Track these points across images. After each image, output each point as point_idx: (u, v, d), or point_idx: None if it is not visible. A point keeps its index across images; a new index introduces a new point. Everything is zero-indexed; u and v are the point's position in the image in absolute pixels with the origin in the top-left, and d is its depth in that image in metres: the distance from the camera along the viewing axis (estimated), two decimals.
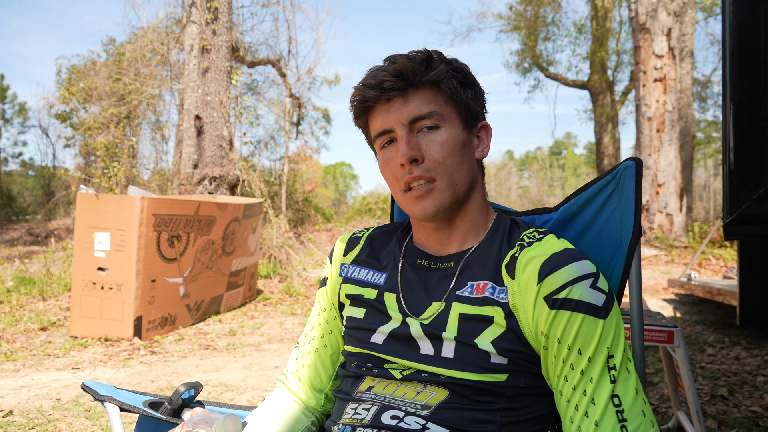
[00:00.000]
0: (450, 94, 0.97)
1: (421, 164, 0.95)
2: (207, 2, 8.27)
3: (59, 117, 13.84)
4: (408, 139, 0.95)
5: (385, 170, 1.00)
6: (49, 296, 5.68)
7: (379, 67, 0.98)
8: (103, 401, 1.10)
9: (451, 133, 0.97)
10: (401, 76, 0.94)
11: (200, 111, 8.26)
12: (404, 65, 0.94)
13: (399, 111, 0.96)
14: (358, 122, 1.04)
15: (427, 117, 0.95)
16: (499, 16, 20.35)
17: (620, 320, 0.88)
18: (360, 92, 0.98)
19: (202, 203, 4.67)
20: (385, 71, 0.95)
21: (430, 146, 0.95)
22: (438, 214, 0.97)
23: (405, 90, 0.95)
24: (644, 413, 0.84)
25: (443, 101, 0.97)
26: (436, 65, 0.96)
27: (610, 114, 18.04)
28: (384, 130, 0.98)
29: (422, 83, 0.96)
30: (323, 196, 26.47)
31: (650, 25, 10.46)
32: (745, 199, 1.19)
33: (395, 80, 0.94)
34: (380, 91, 0.95)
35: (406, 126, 0.96)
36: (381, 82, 0.95)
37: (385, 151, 1.00)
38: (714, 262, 8.29)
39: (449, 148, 0.96)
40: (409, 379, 0.95)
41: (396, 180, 0.98)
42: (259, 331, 4.61)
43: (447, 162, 0.95)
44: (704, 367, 3.48)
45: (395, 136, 0.98)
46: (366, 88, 0.97)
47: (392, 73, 0.94)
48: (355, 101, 1.00)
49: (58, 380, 3.19)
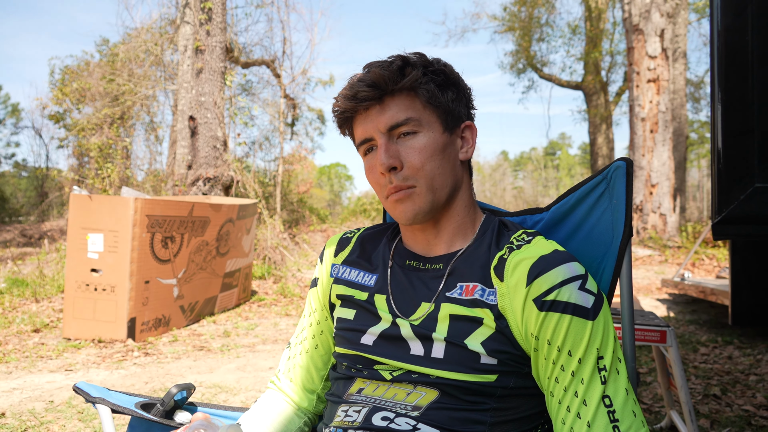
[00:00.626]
0: (427, 98, 0.98)
1: (400, 171, 0.96)
2: (201, 3, 8.25)
3: (52, 118, 13.77)
4: (387, 147, 0.96)
5: (370, 176, 1.02)
6: (42, 298, 5.65)
7: (357, 76, 0.99)
8: (95, 403, 1.09)
9: (429, 138, 0.97)
10: (375, 86, 0.95)
11: (194, 112, 8.24)
12: (377, 75, 0.95)
13: (376, 119, 0.97)
14: (342, 131, 1.06)
15: (404, 123, 0.96)
16: (493, 17, 20.39)
17: (609, 321, 0.89)
18: (339, 104, 1.00)
19: (196, 204, 4.66)
20: (360, 81, 0.96)
21: (408, 152, 0.96)
22: (417, 218, 0.98)
23: (381, 98, 0.96)
24: (635, 413, 0.84)
25: (420, 106, 0.98)
26: (409, 71, 0.96)
27: (604, 114, 18.11)
28: (365, 138, 1.00)
29: (397, 90, 0.96)
30: (318, 196, 26.44)
31: (643, 26, 10.51)
32: (734, 199, 1.20)
33: (369, 90, 0.95)
34: (356, 102, 0.97)
35: (384, 134, 0.97)
36: (356, 93, 0.96)
37: (368, 158, 1.02)
38: (707, 262, 8.33)
39: (428, 153, 0.97)
40: (399, 380, 0.95)
41: (380, 187, 1.00)
42: (254, 332, 4.60)
43: (426, 167, 0.96)
44: (697, 367, 3.50)
45: (376, 144, 0.99)
46: (343, 99, 0.99)
47: (367, 83, 0.96)
48: (336, 112, 1.02)
49: (51, 382, 3.17)
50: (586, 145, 42.81)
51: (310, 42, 11.67)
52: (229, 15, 9.49)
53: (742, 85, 1.19)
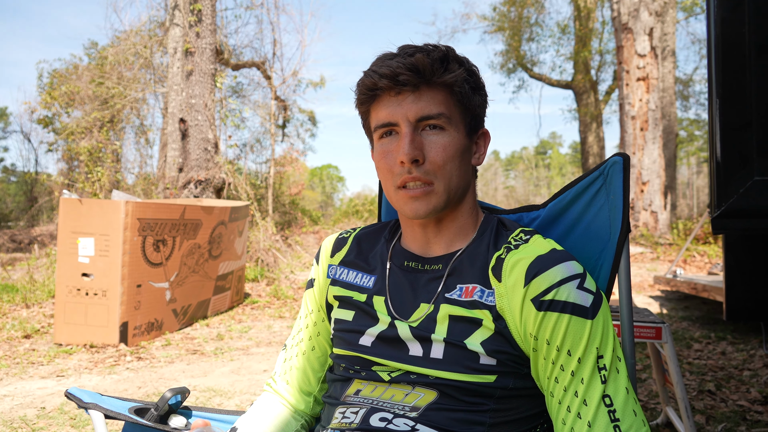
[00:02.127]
0: (460, 98, 0.95)
1: (421, 165, 0.93)
2: (190, 5, 8.21)
3: (41, 122, 13.65)
4: (412, 137, 0.92)
5: (382, 162, 0.97)
6: (32, 303, 5.59)
7: (394, 55, 0.94)
8: (88, 408, 1.08)
9: (454, 138, 0.95)
10: (417, 72, 0.91)
11: (185, 114, 8.19)
12: (422, 61, 0.90)
13: (408, 107, 0.93)
14: (361, 107, 1.01)
15: (435, 117, 0.93)
16: (483, 17, 20.45)
17: (609, 319, 0.88)
18: (370, 78, 0.94)
19: (187, 207, 4.63)
20: (400, 62, 0.91)
21: (432, 148, 0.94)
22: (429, 216, 0.96)
23: (417, 86, 0.92)
24: (635, 412, 0.84)
25: (453, 104, 0.95)
26: (453, 67, 0.93)
27: (594, 113, 18.20)
28: (388, 122, 0.95)
29: (436, 82, 0.93)
30: (310, 198, 26.40)
31: (632, 24, 10.57)
32: (732, 193, 1.20)
33: (410, 75, 0.91)
34: (393, 83, 0.92)
35: (412, 123, 0.93)
36: (396, 74, 0.91)
37: (384, 142, 0.97)
38: (699, 259, 8.38)
39: (450, 153, 0.94)
40: (398, 381, 0.94)
41: (392, 174, 0.96)
42: (247, 335, 4.58)
43: (447, 166, 0.94)
44: (691, 363, 3.51)
45: (398, 130, 0.95)
46: (378, 76, 0.92)
47: (408, 67, 0.91)
48: (364, 87, 0.96)
49: (43, 388, 3.13)
50: (576, 144, 43.02)
51: (301, 44, 11.66)
52: (218, 17, 9.45)
53: (740, 78, 1.19)
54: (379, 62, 0.95)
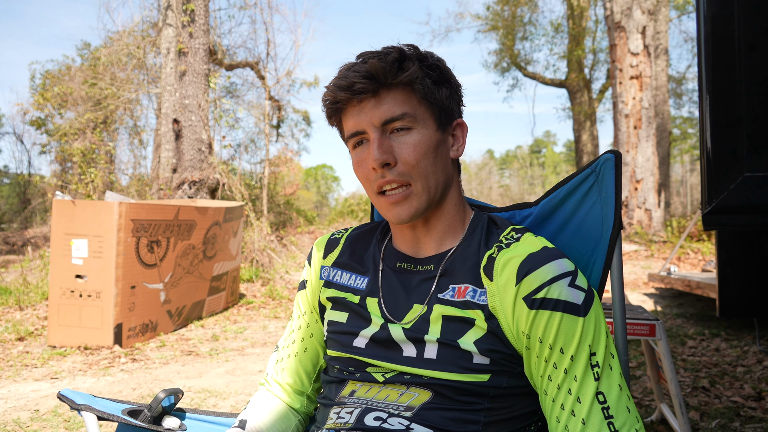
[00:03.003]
0: (423, 94, 0.95)
1: (394, 168, 0.93)
2: (183, 5, 8.18)
3: (34, 123, 13.59)
4: (380, 141, 0.93)
5: (358, 171, 0.99)
6: (26, 305, 5.57)
7: (351, 65, 0.95)
8: (81, 410, 1.07)
9: (424, 135, 0.95)
10: (372, 78, 0.92)
11: (178, 115, 8.17)
12: (375, 66, 0.91)
13: (371, 113, 0.93)
14: (330, 121, 1.02)
15: (399, 119, 0.93)
16: (476, 16, 20.48)
17: (601, 317, 0.88)
18: (331, 93, 0.95)
19: (181, 208, 4.61)
20: (356, 72, 0.92)
21: (402, 149, 0.94)
22: (413, 219, 0.96)
23: (376, 91, 0.93)
24: (629, 409, 0.84)
25: (416, 102, 0.95)
26: (408, 65, 0.93)
27: (588, 112, 18.25)
28: (356, 131, 0.96)
29: (394, 84, 0.93)
30: (305, 198, 26.36)
31: (625, 23, 10.60)
32: (723, 189, 1.20)
33: (366, 82, 0.91)
34: (351, 93, 0.93)
35: (378, 128, 0.94)
36: (352, 84, 0.92)
37: (357, 151, 0.98)
38: (692, 256, 8.42)
39: (422, 150, 0.94)
40: (392, 382, 0.94)
41: (369, 182, 0.97)
42: (242, 336, 4.57)
43: (420, 164, 0.94)
44: (685, 360, 3.53)
45: (367, 137, 0.96)
46: (337, 89, 0.94)
47: (363, 75, 0.92)
48: (327, 101, 0.98)
49: (36, 391, 3.12)
50: (570, 142, 43.14)
51: (294, 43, 11.63)
52: (211, 17, 9.42)
53: (730, 74, 1.20)
54: (338, 75, 0.96)
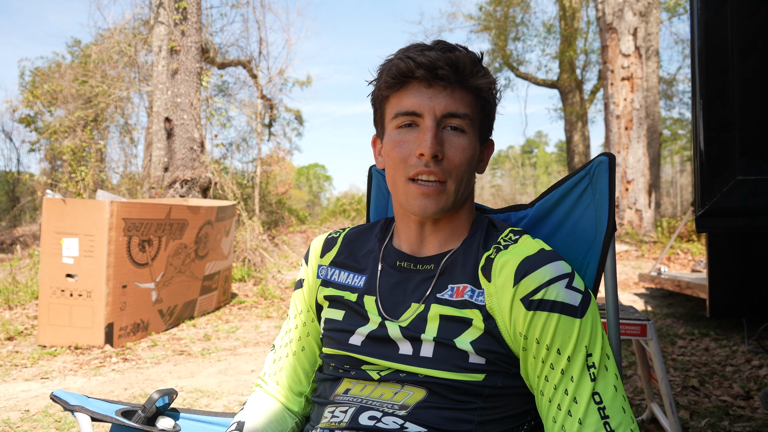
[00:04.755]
0: (485, 104, 0.97)
1: (440, 162, 0.92)
2: (175, 3, 8.14)
3: (23, 121, 13.44)
4: (435, 132, 0.91)
5: (395, 150, 0.95)
6: (15, 305, 5.52)
7: (430, 47, 0.93)
8: (74, 411, 1.06)
9: (471, 142, 0.95)
10: (456, 69, 0.90)
11: (170, 113, 8.13)
12: (463, 60, 0.90)
13: (438, 101, 0.91)
14: (384, 92, 0.97)
15: (461, 117, 0.93)
16: (469, 17, 20.52)
17: (597, 318, 0.89)
18: (406, 64, 0.91)
19: (173, 207, 4.59)
20: (440, 56, 0.90)
21: (451, 147, 0.93)
22: (437, 215, 0.96)
23: (452, 83, 0.91)
24: (624, 409, 0.84)
25: (477, 109, 0.96)
26: (486, 72, 0.94)
27: (579, 112, 18.34)
28: (413, 111, 0.93)
29: (470, 85, 0.93)
30: (297, 197, 26.29)
31: (617, 24, 10.66)
32: (716, 192, 1.22)
33: (449, 71, 0.90)
34: (431, 74, 0.90)
35: (437, 118, 0.92)
36: (435, 66, 0.89)
37: (401, 131, 0.95)
38: (682, 256, 8.48)
39: (467, 155, 0.95)
40: (387, 380, 0.95)
41: (404, 165, 0.94)
42: (234, 335, 4.56)
43: (461, 168, 0.94)
44: (675, 359, 3.55)
45: (420, 122, 0.93)
46: (415, 64, 0.90)
47: (447, 61, 0.89)
48: (397, 71, 0.92)
49: (27, 391, 3.09)
50: (562, 142, 43.32)
51: (287, 42, 11.57)
52: (204, 15, 9.38)
53: (723, 78, 1.21)
54: (414, 50, 0.93)
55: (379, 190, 1.36)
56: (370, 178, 1.37)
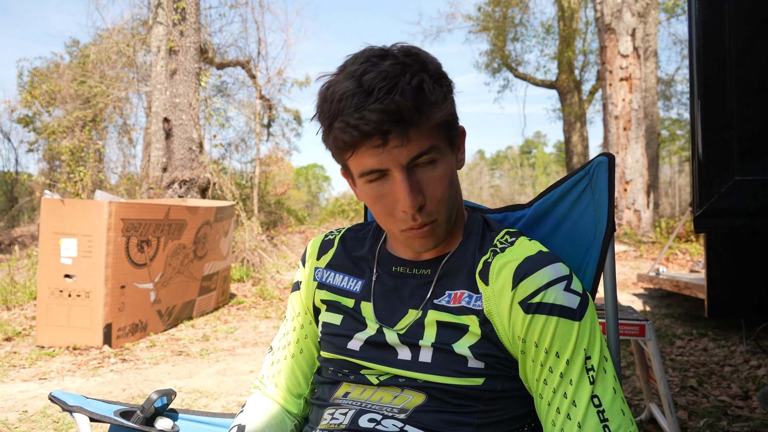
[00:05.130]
0: (443, 121, 0.87)
1: (424, 207, 0.88)
2: (174, 3, 8.14)
3: (21, 121, 13.43)
4: (409, 183, 0.85)
5: (376, 206, 0.90)
6: (13, 305, 5.51)
7: (364, 98, 0.80)
8: (72, 412, 1.06)
9: (446, 164, 0.89)
10: (403, 121, 0.81)
11: (169, 113, 8.12)
12: (405, 106, 0.79)
13: (398, 153, 0.84)
14: (342, 160, 0.91)
15: (427, 153, 0.86)
16: (468, 17, 20.53)
17: (596, 320, 0.89)
18: (349, 135, 0.82)
19: (172, 207, 4.59)
20: (381, 114, 0.79)
21: (429, 184, 0.87)
22: (436, 246, 0.95)
23: (407, 132, 0.82)
24: (623, 411, 0.84)
25: (439, 132, 0.87)
26: (436, 99, 0.83)
27: (578, 113, 18.36)
28: (377, 169, 0.86)
29: (425, 124, 0.84)
30: (296, 198, 26.29)
31: (615, 25, 10.67)
32: (714, 193, 1.22)
33: (399, 127, 0.81)
34: (379, 136, 0.81)
35: (404, 167, 0.85)
36: (380, 131, 0.80)
37: (375, 185, 0.89)
38: (681, 257, 8.49)
39: (447, 183, 0.89)
40: (386, 384, 0.94)
41: (393, 219, 0.90)
42: (233, 336, 4.55)
43: (445, 197, 0.90)
44: (674, 359, 3.56)
45: (388, 174, 0.87)
46: (358, 132, 0.81)
47: (392, 118, 0.80)
48: (341, 143, 0.84)
49: (25, 392, 3.09)
50: (561, 143, 43.34)
51: (286, 42, 11.59)
52: (202, 15, 9.37)
53: (721, 79, 1.21)
54: (350, 110, 0.81)
55: None
56: None
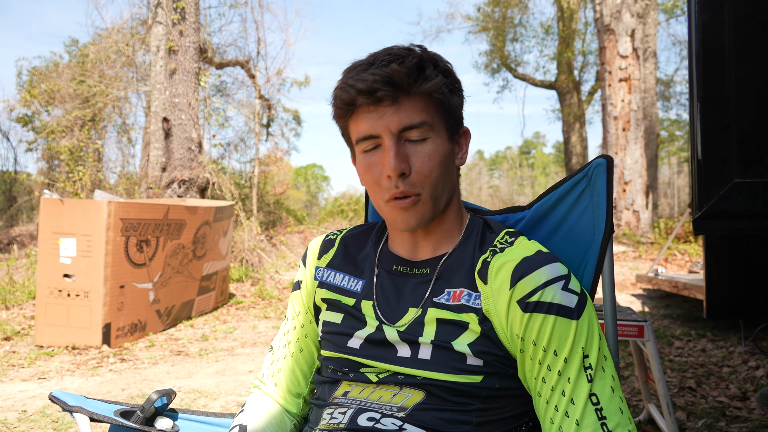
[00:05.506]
0: (441, 103, 0.93)
1: (408, 177, 0.92)
2: (173, 3, 8.13)
3: (20, 120, 13.41)
4: (396, 150, 0.90)
5: (367, 175, 0.96)
6: (12, 305, 5.51)
7: (368, 65, 0.91)
8: (72, 412, 1.06)
9: (438, 145, 0.93)
10: (394, 85, 0.88)
11: (168, 113, 8.12)
12: (398, 73, 0.87)
13: (389, 119, 0.90)
14: (339, 121, 0.98)
15: (418, 127, 0.91)
16: (467, 17, 20.53)
17: (594, 319, 0.89)
18: (347, 93, 0.91)
19: (171, 207, 4.59)
20: (376, 75, 0.88)
21: (417, 158, 0.92)
22: (419, 226, 0.96)
23: (396, 98, 0.90)
24: (621, 410, 0.85)
25: (433, 110, 0.93)
26: (431, 74, 0.90)
27: (577, 113, 18.37)
28: (369, 135, 0.93)
29: (415, 91, 0.90)
30: (295, 198, 26.29)
31: (614, 26, 10.68)
32: (713, 195, 1.22)
33: (388, 89, 0.88)
34: (371, 98, 0.89)
35: (395, 134, 0.91)
36: (372, 89, 0.88)
37: (368, 155, 0.95)
38: (679, 257, 8.50)
39: (436, 161, 0.93)
40: (385, 382, 0.95)
41: (379, 188, 0.95)
42: (232, 336, 4.55)
43: (432, 175, 0.93)
44: (672, 360, 3.56)
45: (381, 143, 0.93)
46: (355, 91, 0.89)
47: (384, 80, 0.88)
48: (341, 101, 0.93)
49: (24, 391, 3.09)
50: (560, 143, 43.38)
51: (285, 42, 11.60)
52: (202, 15, 9.37)
53: (720, 81, 1.21)
54: (353, 74, 0.91)
55: None
56: None
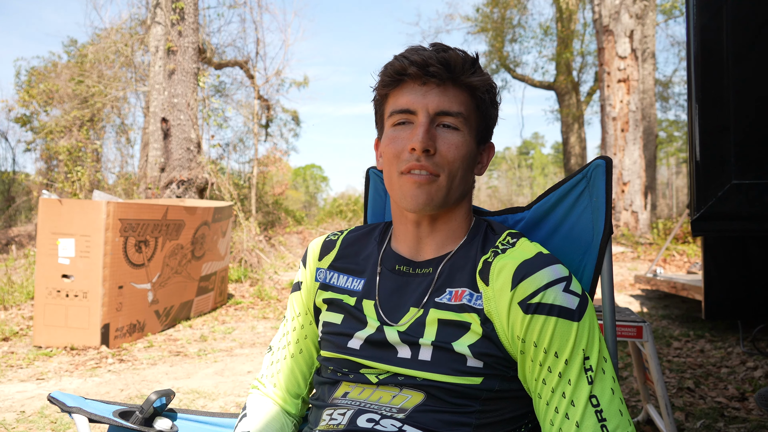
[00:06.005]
0: (480, 104, 0.98)
1: (431, 156, 0.94)
2: (172, 3, 8.13)
3: (19, 120, 13.39)
4: (428, 128, 0.94)
5: (389, 147, 0.98)
6: (10, 305, 5.50)
7: (426, 48, 0.97)
8: (71, 412, 1.06)
9: (466, 140, 0.97)
10: (448, 67, 0.93)
11: (167, 113, 8.11)
12: (454, 58, 0.93)
13: (431, 98, 0.94)
14: (382, 90, 1.01)
15: (454, 115, 0.95)
16: (466, 18, 20.53)
17: (594, 321, 0.89)
18: (400, 62, 0.95)
19: (170, 207, 4.58)
20: (433, 54, 0.93)
21: (444, 143, 0.95)
22: (427, 208, 0.96)
23: (444, 81, 0.94)
24: (621, 412, 0.85)
25: (472, 108, 0.98)
26: (481, 73, 0.97)
27: (576, 114, 18.38)
28: (407, 109, 0.96)
29: (463, 82, 0.95)
30: (294, 198, 26.25)
31: (613, 27, 10.69)
32: (711, 196, 1.23)
33: (440, 68, 0.93)
34: (422, 72, 0.93)
35: (430, 115, 0.94)
36: (427, 64, 0.93)
37: (396, 129, 0.98)
38: (678, 258, 8.51)
39: (461, 153, 0.96)
40: (385, 383, 0.95)
41: (397, 160, 0.96)
42: (231, 336, 4.55)
43: (455, 163, 0.95)
44: (671, 361, 3.57)
45: (414, 120, 0.96)
46: (408, 62, 0.94)
47: (440, 60, 0.93)
48: (392, 69, 0.97)
49: (22, 392, 3.09)
50: (559, 144, 43.40)
51: (284, 43, 11.59)
52: (201, 15, 9.37)
53: (718, 83, 1.22)
54: (411, 50, 0.97)
55: (376, 191, 1.36)
56: (368, 179, 1.37)
